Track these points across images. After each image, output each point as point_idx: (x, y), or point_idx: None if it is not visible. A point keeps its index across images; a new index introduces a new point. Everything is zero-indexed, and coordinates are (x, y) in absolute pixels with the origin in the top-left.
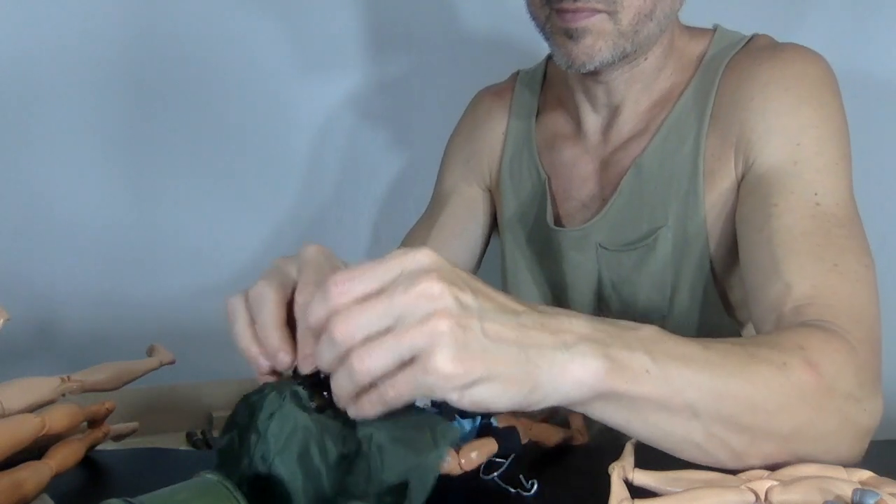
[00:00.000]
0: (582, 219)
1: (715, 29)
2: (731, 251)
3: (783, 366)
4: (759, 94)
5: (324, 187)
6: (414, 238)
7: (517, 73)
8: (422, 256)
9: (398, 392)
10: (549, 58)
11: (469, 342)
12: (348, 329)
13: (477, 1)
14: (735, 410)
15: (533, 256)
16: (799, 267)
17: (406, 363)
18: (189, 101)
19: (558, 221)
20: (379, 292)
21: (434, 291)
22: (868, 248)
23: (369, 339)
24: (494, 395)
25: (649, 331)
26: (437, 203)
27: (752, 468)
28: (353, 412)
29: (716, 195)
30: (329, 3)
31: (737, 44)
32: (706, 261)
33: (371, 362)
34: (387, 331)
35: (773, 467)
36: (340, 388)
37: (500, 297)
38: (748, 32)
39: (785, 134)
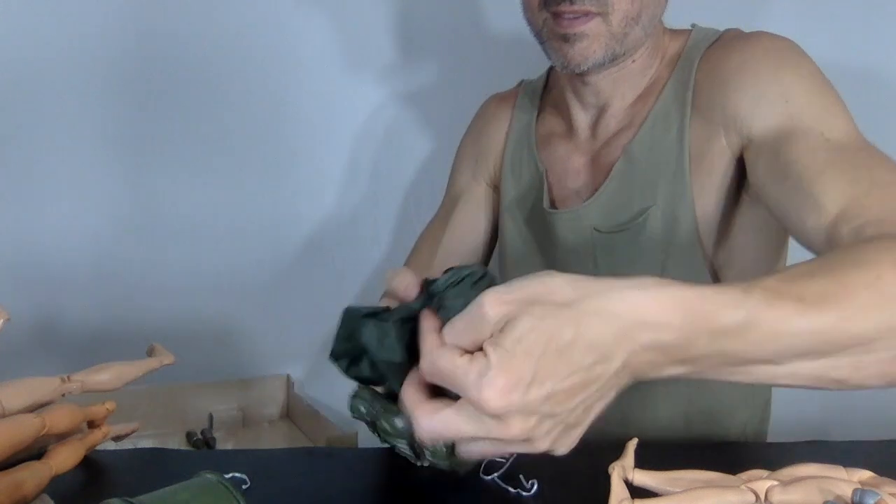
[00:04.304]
0: (575, 205)
1: (692, 28)
2: (720, 229)
3: (878, 279)
4: (734, 77)
5: (324, 187)
6: (429, 235)
7: (521, 81)
8: (493, 399)
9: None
10: (552, 68)
11: (550, 433)
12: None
13: (506, 3)
14: (830, 355)
15: (532, 239)
16: (837, 192)
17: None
18: (192, 101)
19: (553, 207)
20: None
21: (514, 433)
22: (894, 161)
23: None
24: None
25: (742, 311)
26: (450, 202)
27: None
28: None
29: (703, 176)
30: (349, 5)
31: (710, 38)
32: (695, 239)
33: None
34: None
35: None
36: None
37: (576, 377)
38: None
39: (770, 99)
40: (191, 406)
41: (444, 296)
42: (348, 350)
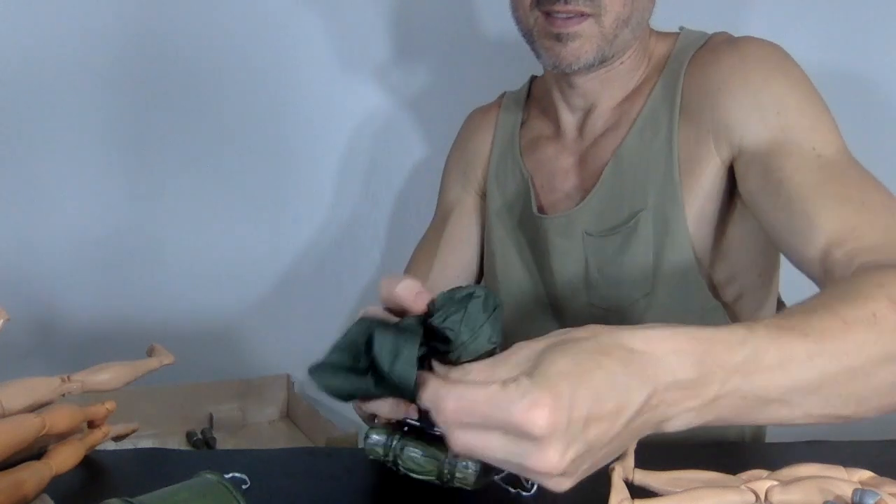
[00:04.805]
0: (566, 208)
1: (680, 30)
2: (711, 232)
3: (873, 317)
4: (725, 83)
5: (323, 187)
6: (424, 249)
7: (503, 94)
8: (539, 418)
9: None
10: (533, 78)
11: (579, 468)
12: (465, 447)
13: (503, 4)
14: (836, 390)
15: (521, 244)
16: (830, 215)
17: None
18: (191, 102)
19: (542, 212)
20: (494, 432)
21: (552, 463)
22: (879, 181)
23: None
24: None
25: (749, 347)
26: (442, 215)
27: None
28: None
29: (692, 180)
30: (346, 6)
31: (698, 41)
32: (686, 242)
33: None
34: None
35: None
36: None
37: (610, 403)
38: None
39: (762, 109)
40: (191, 406)
41: (447, 323)
42: (340, 360)
